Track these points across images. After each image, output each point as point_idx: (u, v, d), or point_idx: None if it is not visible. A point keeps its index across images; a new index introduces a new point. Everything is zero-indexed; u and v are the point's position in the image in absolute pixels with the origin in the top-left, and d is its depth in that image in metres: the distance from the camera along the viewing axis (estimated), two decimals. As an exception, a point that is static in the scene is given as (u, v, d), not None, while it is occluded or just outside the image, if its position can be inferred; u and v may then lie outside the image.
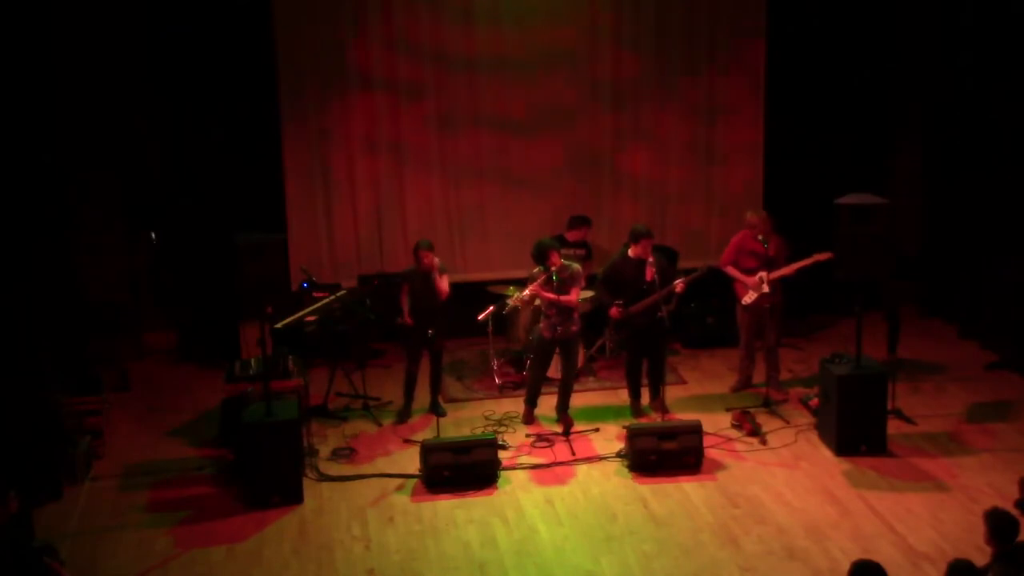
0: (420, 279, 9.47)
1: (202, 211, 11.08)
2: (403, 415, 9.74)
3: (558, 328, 9.27)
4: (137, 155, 11.13)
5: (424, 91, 11.31)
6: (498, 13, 11.27)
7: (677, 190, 11.94)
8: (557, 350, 9.47)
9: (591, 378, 10.63)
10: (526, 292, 9.34)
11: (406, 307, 9.57)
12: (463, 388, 10.49)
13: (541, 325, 9.41)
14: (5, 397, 8.29)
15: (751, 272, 9.77)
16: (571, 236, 11.00)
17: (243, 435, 8.23)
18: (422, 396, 9.86)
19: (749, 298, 9.80)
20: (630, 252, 9.38)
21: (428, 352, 9.67)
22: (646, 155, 11.81)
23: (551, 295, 9.17)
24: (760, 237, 9.74)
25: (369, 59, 11.16)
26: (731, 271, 9.90)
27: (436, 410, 9.56)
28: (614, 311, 9.39)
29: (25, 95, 9.67)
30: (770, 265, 9.71)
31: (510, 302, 9.75)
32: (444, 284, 9.47)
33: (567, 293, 9.19)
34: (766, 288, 9.68)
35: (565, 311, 9.25)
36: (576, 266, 9.37)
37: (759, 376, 10.11)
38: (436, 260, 9.46)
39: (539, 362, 9.53)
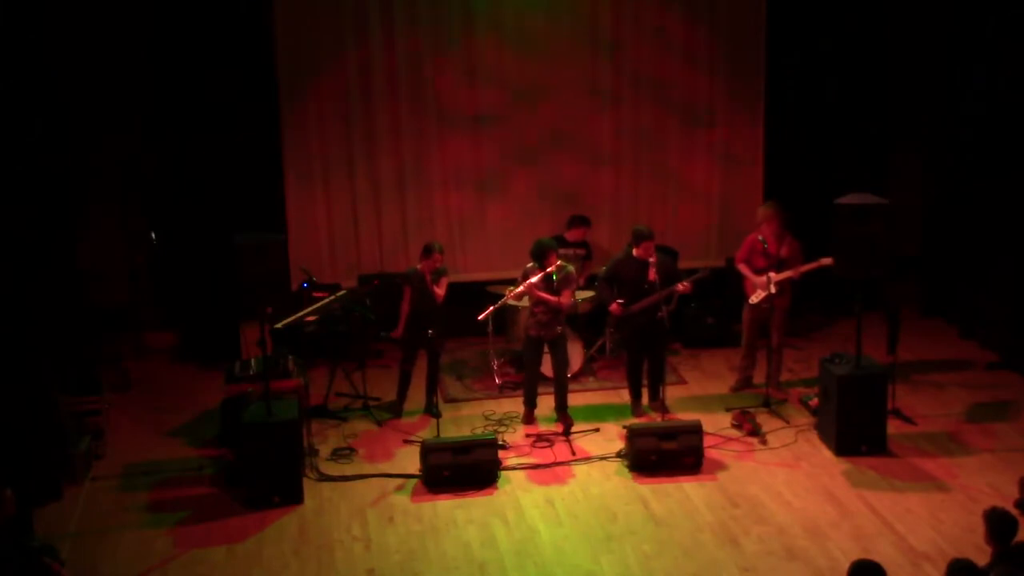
0: (420, 280, 9.51)
1: (202, 211, 11.09)
2: (395, 410, 9.78)
3: (546, 328, 9.27)
4: (137, 155, 11.14)
5: (424, 92, 11.31)
6: (499, 15, 11.27)
7: (677, 190, 11.94)
8: (546, 348, 9.47)
9: (591, 378, 10.63)
10: (519, 288, 9.35)
11: (404, 315, 9.59)
12: (463, 388, 10.50)
13: (527, 323, 9.42)
14: (5, 397, 8.29)
15: (761, 272, 9.79)
16: (571, 236, 11.00)
17: (243, 435, 8.23)
18: (419, 397, 9.87)
19: (756, 297, 9.83)
20: (633, 252, 9.40)
21: (426, 352, 9.69)
22: (646, 156, 11.80)
23: (547, 295, 9.18)
24: (761, 238, 9.75)
25: (369, 60, 11.16)
26: (742, 268, 9.94)
27: (432, 411, 9.56)
28: (614, 307, 9.40)
29: (25, 95, 9.66)
30: (781, 266, 9.74)
31: (504, 299, 9.74)
32: (440, 288, 9.51)
33: (560, 294, 9.20)
34: (773, 288, 9.69)
35: (554, 311, 9.26)
36: (571, 268, 9.37)
37: (759, 376, 10.11)
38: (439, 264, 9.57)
39: (531, 361, 9.53)
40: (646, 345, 9.59)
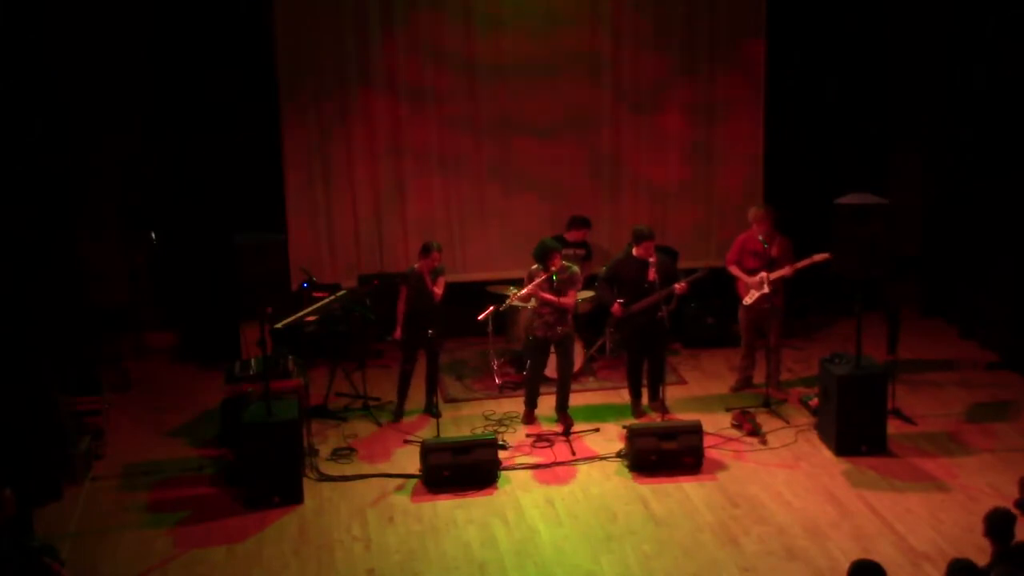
0: (418, 279, 9.52)
1: (202, 211, 11.09)
2: (397, 413, 9.77)
3: (553, 329, 9.27)
4: (137, 155, 11.14)
5: (424, 91, 11.31)
6: (499, 15, 11.28)
7: (677, 190, 11.94)
8: (552, 349, 9.48)
9: (591, 378, 10.63)
10: (524, 290, 9.36)
11: (401, 315, 9.58)
12: (463, 388, 10.50)
13: (535, 324, 9.43)
14: (5, 397, 8.29)
15: (753, 272, 9.79)
16: (571, 236, 11.00)
17: (243, 435, 8.23)
18: (419, 396, 9.87)
19: (750, 298, 9.82)
20: (633, 252, 9.40)
21: (425, 352, 9.69)
22: (646, 155, 11.80)
23: (549, 296, 9.18)
24: (761, 237, 9.75)
25: (369, 59, 11.16)
26: (734, 270, 9.93)
27: (432, 411, 9.56)
28: (615, 308, 9.40)
29: (25, 95, 9.67)
30: (772, 266, 9.72)
31: (508, 301, 9.76)
32: (439, 288, 9.52)
33: (564, 295, 9.20)
34: (767, 288, 9.69)
35: (560, 311, 9.26)
36: (575, 268, 9.37)
37: (759, 376, 10.11)
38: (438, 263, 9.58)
39: (536, 362, 9.53)
40: (646, 345, 9.58)
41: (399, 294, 9.64)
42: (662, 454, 8.56)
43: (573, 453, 8.98)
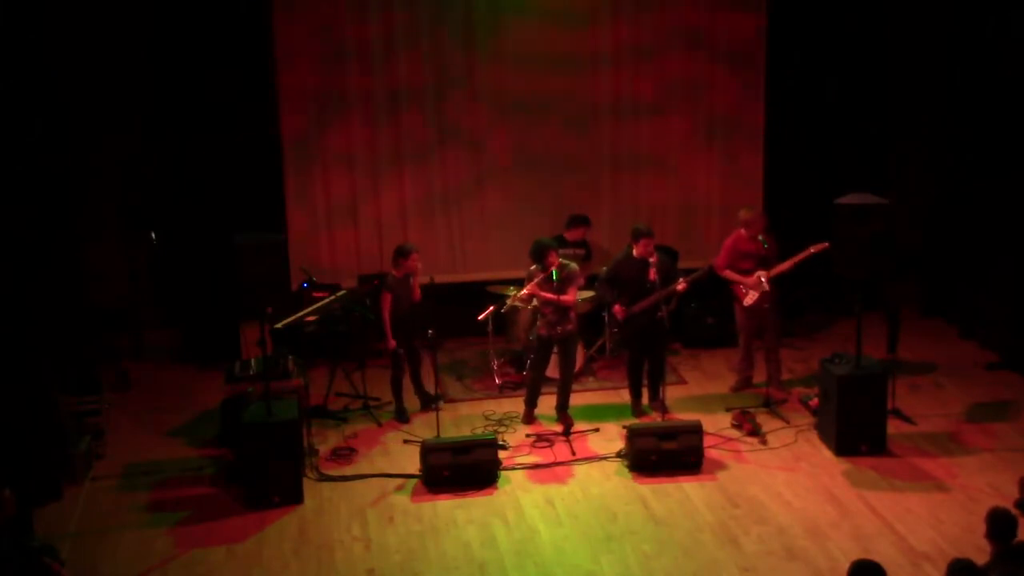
0: (402, 284, 9.51)
1: (202, 211, 11.09)
2: (400, 416, 9.75)
3: (556, 328, 9.28)
4: (137, 155, 11.14)
5: (424, 91, 11.31)
6: (499, 19, 11.26)
7: (677, 190, 11.94)
8: (555, 349, 9.47)
9: (591, 378, 10.63)
10: (524, 291, 9.36)
11: (389, 325, 9.49)
12: (463, 388, 10.50)
13: (538, 324, 9.43)
14: (5, 397, 8.29)
15: (747, 273, 9.77)
16: (570, 236, 10.99)
17: (243, 435, 8.23)
18: (413, 399, 9.86)
19: (751, 299, 9.79)
20: (633, 252, 9.39)
21: (408, 351, 9.63)
22: (646, 155, 11.80)
23: (549, 295, 9.18)
24: (761, 237, 9.74)
25: (369, 59, 11.16)
26: (728, 275, 9.88)
27: (429, 404, 9.54)
28: (618, 309, 9.40)
29: (25, 95, 9.68)
30: (765, 264, 9.71)
31: (508, 301, 9.77)
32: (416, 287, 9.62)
33: (565, 292, 9.20)
34: (766, 287, 9.68)
35: (562, 310, 9.26)
36: (573, 266, 9.37)
37: (759, 376, 10.11)
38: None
39: (538, 361, 9.54)
40: (646, 345, 9.58)
41: (382, 302, 9.52)
42: (662, 454, 8.56)
43: (573, 453, 8.98)
